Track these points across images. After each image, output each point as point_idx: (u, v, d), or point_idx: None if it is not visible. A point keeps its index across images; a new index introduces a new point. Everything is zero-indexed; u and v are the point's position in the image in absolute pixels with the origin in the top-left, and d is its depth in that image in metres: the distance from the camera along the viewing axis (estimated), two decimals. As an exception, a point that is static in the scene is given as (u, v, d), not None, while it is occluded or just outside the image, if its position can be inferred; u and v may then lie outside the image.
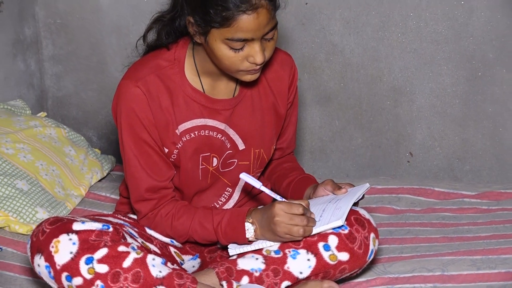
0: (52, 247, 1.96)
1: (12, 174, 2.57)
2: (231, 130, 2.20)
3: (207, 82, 2.16)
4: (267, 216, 2.04)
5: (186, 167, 2.18)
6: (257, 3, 1.95)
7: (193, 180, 2.21)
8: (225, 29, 1.97)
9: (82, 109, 3.32)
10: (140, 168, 2.14)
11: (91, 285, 1.95)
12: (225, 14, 1.95)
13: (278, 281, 2.05)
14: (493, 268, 2.11)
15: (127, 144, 2.13)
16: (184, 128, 2.15)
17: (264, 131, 2.25)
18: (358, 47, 3.01)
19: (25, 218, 2.47)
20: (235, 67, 2.04)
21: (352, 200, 2.04)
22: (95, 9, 3.20)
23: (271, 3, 2.00)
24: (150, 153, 2.14)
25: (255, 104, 2.22)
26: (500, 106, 2.95)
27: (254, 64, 2.02)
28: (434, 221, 2.49)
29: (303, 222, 2.01)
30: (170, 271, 1.98)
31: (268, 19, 1.99)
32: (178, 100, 2.13)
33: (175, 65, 2.14)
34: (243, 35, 1.98)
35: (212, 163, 2.21)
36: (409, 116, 3.04)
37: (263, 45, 2.02)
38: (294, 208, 2.01)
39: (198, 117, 2.16)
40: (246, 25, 1.96)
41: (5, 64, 3.08)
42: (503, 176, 3.00)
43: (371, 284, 2.12)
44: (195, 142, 2.17)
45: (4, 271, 2.21)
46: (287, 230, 2.01)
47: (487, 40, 2.91)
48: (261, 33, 1.99)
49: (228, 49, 2.00)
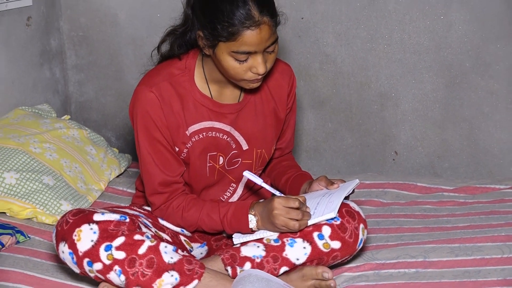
0: (75, 236, 1.97)
1: (39, 171, 2.56)
2: (236, 132, 2.20)
3: (214, 89, 2.16)
4: (267, 209, 2.04)
5: (195, 164, 2.18)
6: (259, 20, 1.96)
7: (201, 176, 2.21)
8: (231, 43, 1.97)
9: (102, 112, 3.31)
10: (154, 165, 2.14)
11: (110, 270, 1.96)
12: (231, 30, 1.95)
13: (277, 267, 2.05)
14: (469, 255, 2.11)
15: (143, 143, 2.13)
16: (193, 130, 2.15)
17: (266, 133, 2.25)
18: (349, 57, 3.01)
19: (51, 210, 2.47)
20: (239, 77, 2.04)
21: (343, 195, 2.04)
22: (113, 23, 3.20)
23: (272, 20, 2.00)
24: (162, 151, 2.14)
25: (257, 109, 2.22)
26: (476, 110, 2.95)
27: (256, 74, 2.02)
28: (417, 213, 2.49)
29: (298, 216, 2.01)
30: (181, 257, 1.98)
31: (269, 34, 2.00)
32: (188, 105, 2.13)
33: (186, 73, 2.14)
34: (247, 49, 1.98)
35: (218, 161, 2.20)
36: (394, 119, 3.04)
37: (265, 57, 2.03)
38: (291, 202, 2.01)
39: (206, 120, 2.16)
40: (250, 39, 1.97)
41: (33, 73, 3.08)
42: (478, 173, 2.99)
43: (360, 269, 2.11)
44: (203, 142, 2.16)
45: (32, 257, 2.20)
46: (284, 223, 2.01)
47: (463, 50, 2.90)
48: (263, 47, 2.00)
49: (234, 61, 2.01)
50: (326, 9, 2.98)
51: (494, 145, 2.97)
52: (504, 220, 2.34)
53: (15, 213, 2.47)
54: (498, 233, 2.23)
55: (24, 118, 2.82)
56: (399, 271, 2.07)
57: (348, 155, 3.12)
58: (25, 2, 2.99)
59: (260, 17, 1.96)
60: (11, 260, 2.17)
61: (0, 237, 2.23)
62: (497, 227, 2.29)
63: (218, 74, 2.11)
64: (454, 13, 2.87)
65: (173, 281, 1.96)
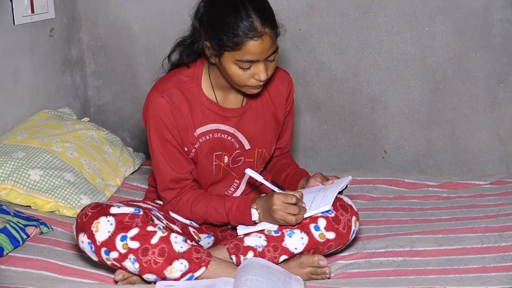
0: (93, 227, 1.96)
1: (61, 168, 2.56)
2: (239, 133, 2.19)
3: (219, 94, 2.16)
4: (267, 205, 2.04)
5: (202, 163, 2.18)
6: (262, 31, 1.96)
7: (208, 173, 2.21)
8: (236, 52, 1.97)
9: (118, 115, 3.31)
10: (165, 163, 2.14)
11: (125, 258, 1.96)
12: (236, 40, 1.95)
13: (277, 255, 2.04)
14: (452, 245, 2.11)
15: (155, 143, 2.13)
16: (200, 131, 2.15)
17: (266, 134, 2.24)
18: (342, 65, 3.00)
19: (72, 204, 2.47)
20: (243, 83, 2.03)
21: (337, 190, 2.04)
22: (129, 34, 3.20)
23: (273, 31, 2.00)
24: (173, 151, 2.14)
25: (258, 112, 2.21)
26: (457, 112, 2.95)
27: (258, 80, 2.02)
28: (404, 206, 2.48)
29: (295, 211, 2.01)
30: (189, 247, 1.98)
31: (271, 44, 2.00)
32: (195, 109, 2.13)
33: (194, 80, 2.14)
34: (250, 57, 1.98)
35: (223, 160, 2.20)
36: (383, 120, 3.03)
37: (266, 65, 2.02)
38: (289, 199, 2.01)
39: (212, 122, 2.15)
40: (253, 49, 1.96)
41: (56, 79, 3.08)
42: (460, 170, 2.99)
43: (352, 257, 2.11)
44: (210, 143, 2.16)
45: (54, 246, 2.20)
46: (282, 217, 2.01)
47: (447, 59, 2.90)
48: (265, 56, 1.99)
49: (238, 68, 2.00)
50: (321, 21, 2.97)
51: (474, 145, 2.96)
52: (483, 213, 2.34)
53: (39, 206, 2.46)
54: (478, 225, 2.23)
55: (48, 120, 2.82)
56: (388, 260, 2.07)
57: (342, 154, 3.11)
58: (48, 15, 2.99)
59: (262, 29, 1.96)
60: (35, 249, 2.17)
61: (26, 228, 2.23)
62: (477, 219, 2.29)
63: (223, 80, 2.11)
64: (438, 25, 2.87)
65: (183, 268, 1.96)
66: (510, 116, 2.89)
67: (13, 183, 2.47)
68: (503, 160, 2.95)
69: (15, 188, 2.47)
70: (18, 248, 2.17)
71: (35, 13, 2.90)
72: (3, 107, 2.76)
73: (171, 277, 1.96)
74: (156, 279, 1.97)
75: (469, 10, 2.83)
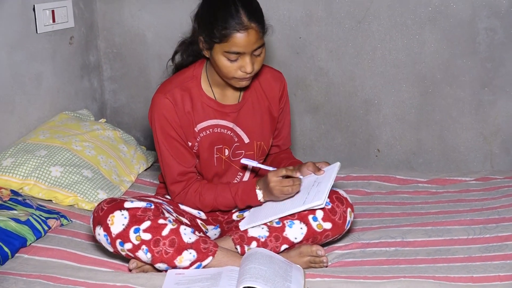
0: (109, 221, 1.96)
1: (80, 165, 2.56)
2: (238, 127, 2.19)
3: (217, 92, 2.16)
4: (265, 184, 2.06)
5: (203, 156, 2.18)
6: (247, 25, 1.96)
7: (210, 166, 2.21)
8: (224, 44, 1.98)
9: (132, 116, 3.31)
10: (172, 158, 2.14)
11: (138, 249, 1.95)
12: (224, 32, 1.96)
13: (278, 245, 2.04)
14: (440, 236, 2.10)
15: (161, 141, 2.14)
16: (201, 127, 2.15)
17: (263, 128, 2.24)
18: (339, 70, 3.00)
19: (89, 198, 2.46)
20: (231, 75, 2.04)
21: (329, 183, 2.03)
22: (142, 42, 3.20)
23: (259, 26, 2.00)
24: (178, 147, 2.14)
25: (255, 108, 2.22)
26: (445, 114, 2.94)
27: (245, 73, 2.02)
28: (396, 200, 2.48)
29: (290, 182, 2.03)
30: (198, 238, 1.98)
31: (256, 38, 1.99)
32: (196, 106, 2.14)
33: (194, 80, 2.15)
34: (237, 49, 1.98)
35: (224, 153, 2.20)
36: (376, 121, 3.02)
37: (252, 59, 2.02)
38: (281, 172, 2.04)
39: (212, 118, 2.16)
40: (239, 41, 1.97)
41: (75, 83, 3.07)
42: (447, 167, 2.99)
43: (348, 247, 2.11)
44: (210, 137, 2.17)
45: (73, 237, 2.20)
46: (280, 191, 2.03)
47: (435, 64, 2.89)
48: (250, 49, 1.99)
49: (226, 60, 2.01)
50: (320, 30, 2.97)
51: (461, 144, 2.95)
52: (469, 207, 2.33)
53: (60, 200, 2.46)
54: (464, 218, 2.22)
55: (68, 121, 2.82)
56: (381, 250, 2.07)
57: (338, 152, 3.11)
58: (68, 24, 2.99)
59: (248, 23, 1.96)
60: (56, 240, 2.17)
61: (47, 221, 2.23)
62: (463, 212, 2.28)
63: (218, 77, 2.11)
64: (427, 33, 2.86)
65: (191, 258, 1.95)
66: (494, 117, 2.88)
67: (36, 179, 2.47)
68: (487, 158, 2.94)
69: (38, 183, 2.47)
70: (40, 239, 2.17)
71: (56, 23, 2.91)
72: (27, 109, 2.76)
73: (181, 266, 1.96)
74: (167, 267, 1.97)
75: (456, 19, 2.82)
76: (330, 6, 2.93)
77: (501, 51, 2.80)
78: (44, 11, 2.82)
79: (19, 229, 2.11)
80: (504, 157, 2.92)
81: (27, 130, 2.76)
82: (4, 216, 2.14)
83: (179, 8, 3.09)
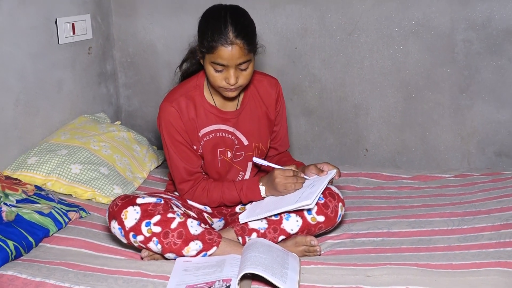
0: (123, 215, 1.96)
1: (97, 163, 2.55)
2: (238, 131, 2.19)
3: (218, 99, 2.15)
4: (270, 180, 2.05)
5: (208, 158, 2.18)
6: (232, 41, 1.94)
7: (214, 167, 2.20)
8: (211, 55, 1.96)
9: (145, 119, 3.31)
10: (179, 160, 2.13)
11: (149, 241, 1.95)
12: (211, 44, 1.95)
13: (276, 236, 2.04)
14: (423, 227, 2.10)
15: (169, 145, 2.13)
16: (204, 132, 2.14)
17: (261, 131, 2.23)
18: (331, 77, 2.99)
19: (106, 193, 2.46)
20: (217, 84, 2.02)
21: (322, 186, 2.01)
22: (153, 52, 3.19)
23: (245, 43, 1.96)
24: (184, 150, 2.13)
25: (253, 113, 2.21)
26: (427, 117, 2.93)
27: (228, 84, 2.00)
28: (382, 195, 2.47)
29: (293, 180, 2.03)
30: (203, 230, 1.97)
31: (240, 54, 1.96)
32: (200, 113, 2.13)
33: (197, 89, 2.14)
34: (221, 61, 1.96)
35: (227, 155, 2.19)
36: (365, 124, 3.02)
37: (237, 72, 1.99)
38: (287, 172, 2.04)
39: (214, 123, 2.15)
40: (223, 53, 1.95)
41: (93, 89, 3.07)
42: (429, 165, 2.98)
43: (339, 238, 2.10)
44: (213, 141, 2.16)
45: (91, 228, 2.20)
46: (284, 187, 2.03)
47: (418, 72, 2.89)
48: (234, 63, 1.96)
49: (213, 70, 2.00)
50: (314, 41, 2.96)
51: (441, 144, 2.95)
52: (449, 201, 2.33)
53: (79, 195, 2.46)
54: (444, 211, 2.22)
55: (86, 123, 2.81)
56: (369, 239, 2.06)
57: (330, 152, 3.10)
58: (87, 36, 2.99)
59: (234, 39, 1.93)
60: (75, 231, 2.16)
61: (68, 213, 2.23)
62: (443, 206, 2.28)
63: None
64: (411, 44, 2.86)
65: (198, 248, 1.95)
66: (471, 120, 2.88)
67: (57, 175, 2.46)
68: (465, 156, 2.93)
69: (59, 180, 2.46)
70: (61, 229, 2.17)
71: (76, 35, 2.91)
72: (49, 112, 2.76)
73: (188, 255, 1.95)
74: (175, 257, 1.96)
75: (437, 32, 2.81)
76: (323, 20, 2.92)
77: (477, 60, 2.80)
78: (65, 24, 2.82)
79: (42, 220, 2.11)
80: (480, 156, 2.91)
81: (49, 132, 2.75)
82: (29, 209, 2.13)
83: (186, 21, 3.08)
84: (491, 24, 2.74)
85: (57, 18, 2.77)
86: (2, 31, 2.47)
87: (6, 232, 1.97)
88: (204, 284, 1.77)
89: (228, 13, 1.96)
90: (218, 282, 1.76)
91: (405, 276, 1.73)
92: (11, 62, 2.53)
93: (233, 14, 1.97)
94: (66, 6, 2.84)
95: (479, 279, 1.68)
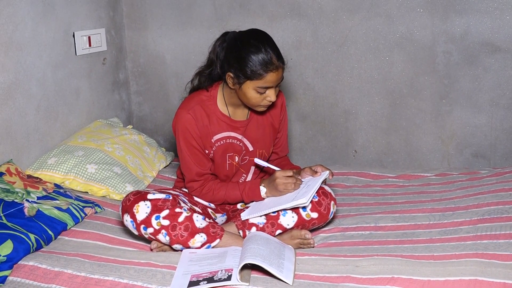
0: (135, 209, 1.95)
1: (111, 163, 2.55)
2: (245, 139, 2.18)
3: (230, 110, 2.15)
4: (272, 181, 2.05)
5: (217, 162, 2.17)
6: (278, 65, 1.96)
7: (223, 170, 2.20)
8: (257, 81, 1.96)
9: (154, 123, 3.30)
10: (192, 162, 2.13)
11: (158, 233, 1.95)
12: (259, 73, 1.95)
13: (274, 230, 2.03)
14: (407, 222, 2.09)
15: (183, 148, 2.12)
16: (216, 138, 2.14)
17: (265, 139, 2.23)
18: (323, 85, 2.99)
19: (119, 190, 2.45)
20: (257, 104, 2.04)
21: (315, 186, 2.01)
22: (162, 62, 3.19)
23: (283, 63, 2.00)
24: (197, 153, 2.13)
25: (259, 123, 2.21)
26: (410, 122, 2.93)
27: (269, 101, 2.03)
28: (370, 192, 2.47)
29: (293, 181, 2.03)
30: (207, 224, 1.97)
31: (281, 73, 2.00)
32: (213, 121, 2.12)
33: (211, 99, 2.13)
34: (269, 85, 1.98)
35: (235, 159, 2.19)
36: (354, 128, 3.01)
37: (276, 90, 2.02)
38: (287, 173, 2.04)
39: (225, 131, 2.14)
40: (271, 79, 1.97)
41: (107, 96, 3.07)
42: (412, 165, 2.98)
43: (331, 231, 2.10)
44: (223, 146, 2.15)
45: (105, 222, 2.19)
46: (284, 187, 2.03)
47: (402, 81, 2.88)
48: (277, 83, 2.00)
49: (256, 93, 2.00)
50: (307, 52, 2.96)
51: (423, 146, 2.95)
52: (430, 197, 2.32)
53: (94, 192, 2.45)
54: (425, 207, 2.21)
55: (101, 127, 2.81)
56: (358, 233, 2.06)
57: (323, 153, 3.10)
58: (102, 48, 2.99)
59: (278, 63, 1.96)
60: (91, 225, 2.16)
61: (84, 209, 2.22)
62: (425, 202, 2.27)
63: (235, 99, 2.10)
64: (395, 55, 2.85)
65: (202, 240, 1.94)
66: (450, 124, 2.88)
67: (75, 174, 2.46)
68: (445, 157, 2.93)
69: (76, 178, 2.46)
70: (78, 224, 2.16)
71: (92, 47, 2.90)
72: (67, 117, 2.76)
73: (194, 246, 1.95)
74: (182, 248, 1.96)
75: (419, 44, 2.81)
76: (316, 33, 2.92)
77: (456, 70, 2.80)
78: (82, 37, 2.82)
79: (61, 215, 2.11)
80: (458, 157, 2.91)
81: (67, 135, 2.75)
82: (48, 205, 2.13)
83: (193, 35, 3.08)
84: (469, 37, 2.74)
85: (75, 32, 2.77)
86: (26, 44, 2.47)
87: (28, 226, 1.97)
88: (208, 273, 1.76)
89: (264, 41, 1.96)
90: (220, 272, 1.76)
91: (391, 266, 1.73)
92: (33, 72, 2.53)
93: (266, 40, 1.98)
94: (83, 21, 2.84)
95: (458, 269, 1.68)
